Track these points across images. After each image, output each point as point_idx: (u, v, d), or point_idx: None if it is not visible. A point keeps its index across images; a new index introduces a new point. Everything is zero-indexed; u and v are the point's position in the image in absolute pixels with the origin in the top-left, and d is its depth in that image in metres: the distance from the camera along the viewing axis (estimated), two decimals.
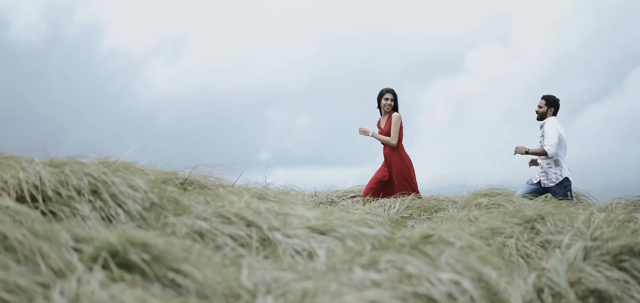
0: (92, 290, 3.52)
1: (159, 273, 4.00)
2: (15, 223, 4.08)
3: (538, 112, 11.42)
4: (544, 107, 11.36)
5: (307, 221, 6.01)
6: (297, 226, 5.87)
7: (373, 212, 9.39)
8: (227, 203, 5.93)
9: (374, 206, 10.00)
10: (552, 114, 11.33)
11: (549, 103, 11.40)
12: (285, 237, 5.55)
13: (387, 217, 9.41)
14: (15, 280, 3.34)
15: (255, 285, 4.40)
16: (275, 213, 5.97)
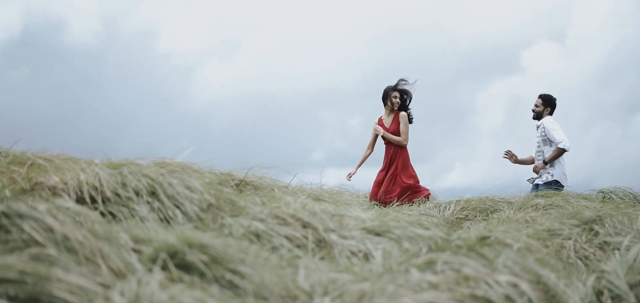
0: (152, 290, 3.55)
1: (217, 274, 4.03)
2: (76, 224, 4.13)
3: (534, 112, 11.44)
4: (541, 107, 11.36)
5: (362, 222, 6.01)
6: (352, 227, 5.87)
7: (428, 213, 9.36)
8: (283, 204, 5.95)
9: (428, 207, 9.96)
10: (548, 113, 11.28)
11: (545, 103, 11.39)
12: (341, 238, 5.55)
13: (442, 218, 9.37)
14: (77, 281, 3.39)
15: (312, 287, 4.41)
16: (330, 214, 5.97)
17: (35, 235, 3.80)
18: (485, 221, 8.89)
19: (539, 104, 11.31)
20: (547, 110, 11.22)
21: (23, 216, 3.94)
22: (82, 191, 5.34)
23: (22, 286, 3.27)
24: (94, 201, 5.32)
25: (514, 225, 7.27)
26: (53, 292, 3.28)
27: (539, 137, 11.18)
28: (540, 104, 11.30)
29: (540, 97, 11.30)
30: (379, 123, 11.62)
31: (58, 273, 3.39)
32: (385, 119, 11.56)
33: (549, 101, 11.28)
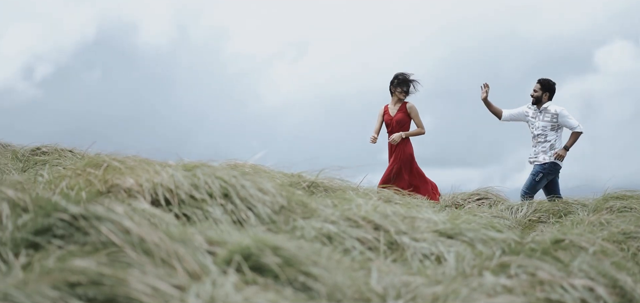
0: (227, 292, 3.59)
1: (291, 276, 4.04)
2: (152, 226, 4.19)
3: (533, 97, 11.37)
4: (539, 92, 11.34)
5: (434, 224, 5.97)
6: (424, 229, 5.84)
7: (500, 215, 9.27)
8: (354, 206, 5.95)
9: (501, 209, 9.86)
10: (547, 98, 11.26)
11: (544, 87, 11.37)
12: (413, 241, 5.53)
13: (514, 220, 9.27)
14: (153, 283, 3.44)
15: (385, 289, 4.40)
16: (402, 216, 5.95)
17: (113, 237, 3.86)
18: (558, 223, 8.77)
19: (538, 89, 11.33)
20: (546, 95, 11.25)
21: (100, 218, 4.01)
22: (157, 193, 5.41)
23: (100, 288, 3.33)
24: (168, 203, 5.39)
25: (588, 228, 7.16)
26: (130, 293, 3.33)
27: (547, 122, 11.14)
28: (539, 89, 11.32)
29: (539, 82, 11.34)
30: (384, 110, 11.49)
31: (135, 274, 3.44)
32: (391, 108, 11.42)
33: (547, 86, 11.31)
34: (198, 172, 5.75)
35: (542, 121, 11.14)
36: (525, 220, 9.39)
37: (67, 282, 3.31)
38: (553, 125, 11.09)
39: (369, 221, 5.65)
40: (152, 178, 5.58)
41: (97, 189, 5.50)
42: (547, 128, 11.09)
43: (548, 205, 9.88)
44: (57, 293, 3.24)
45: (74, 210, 4.05)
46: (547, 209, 9.68)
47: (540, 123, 11.14)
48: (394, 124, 11.25)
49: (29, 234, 3.98)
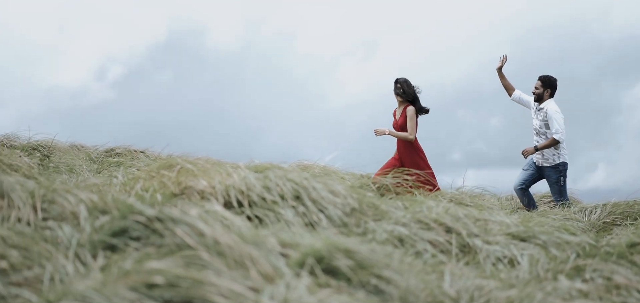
0: (300, 295, 3.60)
1: (363, 279, 4.04)
2: (225, 228, 4.23)
3: (535, 94, 11.13)
4: (541, 89, 11.11)
5: (506, 227, 5.92)
6: (496, 232, 5.79)
7: (573, 218, 9.12)
8: (425, 208, 5.92)
9: (574, 211, 9.71)
10: (549, 95, 11.04)
11: (545, 84, 11.12)
12: (486, 244, 5.48)
13: (588, 223, 9.12)
14: (228, 285, 3.47)
15: (458, 293, 4.37)
16: (474, 219, 5.90)
17: (188, 239, 3.91)
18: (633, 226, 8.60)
19: (539, 86, 11.14)
20: (548, 92, 11.06)
21: (176, 220, 4.06)
22: (229, 195, 5.46)
23: (177, 289, 3.37)
24: (240, 205, 5.43)
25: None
26: (206, 295, 3.36)
27: (541, 120, 10.97)
28: (540, 85, 11.14)
29: (540, 79, 11.17)
30: (394, 113, 11.54)
31: (210, 276, 3.48)
32: (398, 111, 11.46)
33: (548, 83, 11.12)
34: (269, 174, 5.78)
35: (537, 119, 11.09)
36: (599, 223, 9.24)
37: (145, 284, 3.36)
38: (546, 122, 11.00)
39: (440, 224, 5.63)
40: (225, 180, 5.63)
41: (170, 191, 5.57)
42: (543, 126, 11.02)
43: (622, 207, 9.69)
44: (134, 294, 3.29)
45: (150, 212, 4.11)
46: (622, 211, 9.50)
47: (537, 120, 11.10)
48: (398, 128, 11.32)
49: (106, 236, 4.05)
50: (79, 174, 9.02)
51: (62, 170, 9.12)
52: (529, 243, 5.69)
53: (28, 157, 9.45)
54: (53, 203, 4.53)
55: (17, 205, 4.48)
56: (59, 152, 11.47)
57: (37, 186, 4.74)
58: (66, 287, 3.43)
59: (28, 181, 5.13)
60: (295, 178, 5.72)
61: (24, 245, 3.80)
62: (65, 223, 4.31)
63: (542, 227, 6.01)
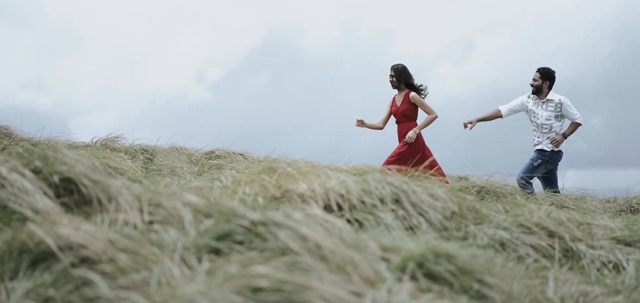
0: (402, 300, 3.60)
1: (465, 285, 4.02)
2: (326, 233, 4.26)
3: (533, 86, 11.17)
4: (539, 81, 11.18)
5: (611, 231, 5.81)
6: (600, 236, 5.69)
7: None
8: (527, 212, 5.85)
9: None
10: (547, 87, 10.97)
11: (543, 76, 11.19)
12: (590, 248, 5.39)
13: None
14: (331, 290, 3.49)
15: (562, 299, 4.31)
16: (577, 223, 5.81)
17: (291, 244, 3.95)
18: None
19: (537, 78, 11.28)
20: (547, 84, 11.02)
21: (279, 224, 4.11)
22: (329, 198, 5.49)
23: (280, 294, 3.41)
24: (340, 209, 5.46)
25: None
26: (309, 300, 3.39)
27: (551, 112, 10.84)
28: (539, 77, 11.28)
29: (538, 71, 11.21)
30: (392, 102, 11.39)
31: (313, 281, 3.50)
32: (397, 98, 11.31)
33: (547, 75, 11.15)
34: (369, 177, 5.79)
35: (546, 111, 11.04)
36: None
37: (249, 288, 3.41)
38: (557, 114, 11.00)
39: (542, 228, 5.55)
40: (324, 184, 5.66)
41: (271, 194, 5.64)
42: (551, 118, 10.95)
43: None
44: (239, 298, 3.34)
45: (254, 216, 4.17)
46: None
47: (544, 112, 11.05)
48: (400, 116, 11.22)
49: (211, 239, 4.13)
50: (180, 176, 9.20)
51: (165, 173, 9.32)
52: (634, 247, 5.57)
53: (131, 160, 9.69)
54: (159, 206, 4.64)
55: (124, 208, 4.60)
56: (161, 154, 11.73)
57: (143, 190, 4.86)
58: (173, 291, 3.51)
59: (133, 184, 5.26)
60: (395, 182, 5.72)
61: (131, 249, 3.90)
62: (170, 227, 4.40)
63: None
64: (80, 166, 4.87)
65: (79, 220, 4.17)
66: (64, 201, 4.67)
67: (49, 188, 4.67)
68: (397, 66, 11.29)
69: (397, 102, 11.42)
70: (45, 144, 10.44)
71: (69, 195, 4.72)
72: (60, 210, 4.55)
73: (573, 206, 8.00)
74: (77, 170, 4.80)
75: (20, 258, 3.81)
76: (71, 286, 3.59)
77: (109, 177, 5.17)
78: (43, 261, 3.77)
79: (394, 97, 11.56)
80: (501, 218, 5.72)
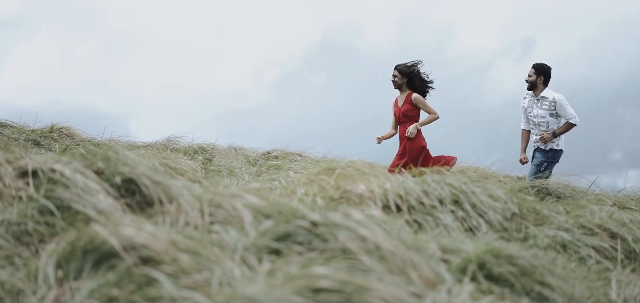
0: (463, 301, 3.59)
1: (527, 286, 3.98)
2: (386, 234, 4.25)
3: (528, 82, 10.95)
4: (534, 77, 10.91)
5: None
6: None
7: None
8: (588, 213, 5.78)
9: None
10: (542, 83, 10.86)
11: (538, 72, 10.93)
12: None
13: None
14: (392, 291, 3.49)
15: (625, 301, 4.25)
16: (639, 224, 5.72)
17: (351, 245, 3.96)
18: None
19: (532, 74, 10.97)
20: (541, 79, 10.85)
21: (338, 225, 4.11)
22: (388, 199, 5.49)
23: (341, 294, 3.42)
24: (399, 209, 5.45)
25: None
26: (370, 301, 3.39)
27: (546, 110, 10.75)
28: (533, 73, 10.96)
29: (533, 67, 10.95)
30: (394, 103, 11.19)
31: (374, 282, 3.51)
32: (399, 99, 11.11)
33: (542, 71, 10.96)
34: (427, 178, 5.78)
35: (540, 109, 10.82)
36: None
37: (310, 288, 3.42)
38: (552, 112, 10.76)
39: (604, 229, 5.48)
40: (383, 184, 5.66)
41: (330, 195, 5.65)
42: (546, 116, 10.71)
43: None
44: (300, 299, 3.36)
45: (314, 217, 4.18)
46: None
47: (539, 111, 10.85)
48: (401, 116, 11.04)
49: (271, 240, 4.15)
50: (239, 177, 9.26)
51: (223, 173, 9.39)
52: None
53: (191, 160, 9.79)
54: (219, 207, 4.68)
55: (185, 209, 4.65)
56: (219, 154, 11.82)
57: (203, 191, 4.90)
58: (234, 290, 3.53)
59: (193, 185, 5.31)
60: (454, 182, 5.69)
61: (193, 249, 3.94)
62: (230, 227, 4.44)
63: None
64: (141, 166, 4.94)
65: (141, 221, 4.23)
66: (126, 202, 4.74)
67: (111, 189, 4.74)
68: (401, 66, 11.18)
69: (399, 104, 11.32)
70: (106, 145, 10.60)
71: (131, 195, 4.79)
72: (123, 210, 4.62)
73: (635, 207, 7.88)
74: (139, 171, 4.86)
75: (84, 258, 3.87)
76: (134, 286, 3.64)
77: (169, 178, 5.23)
78: (106, 261, 3.83)
79: (395, 99, 11.46)
80: (562, 219, 5.66)
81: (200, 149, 11.42)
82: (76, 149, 9.21)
